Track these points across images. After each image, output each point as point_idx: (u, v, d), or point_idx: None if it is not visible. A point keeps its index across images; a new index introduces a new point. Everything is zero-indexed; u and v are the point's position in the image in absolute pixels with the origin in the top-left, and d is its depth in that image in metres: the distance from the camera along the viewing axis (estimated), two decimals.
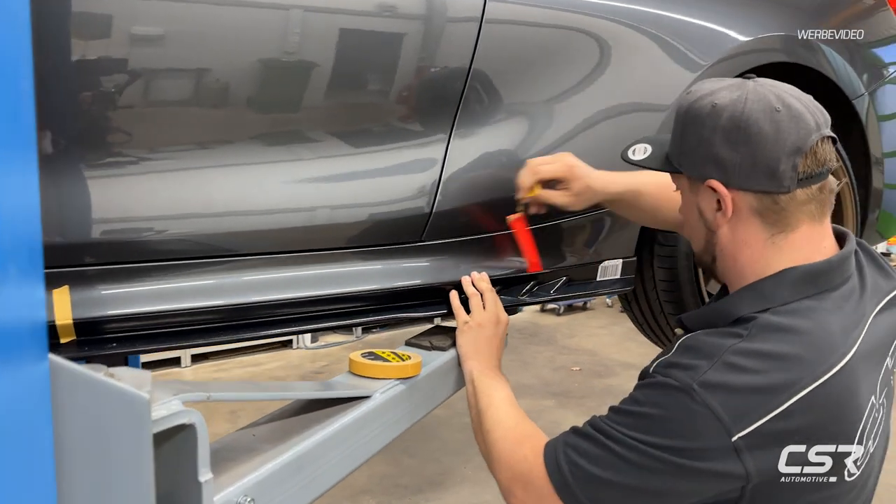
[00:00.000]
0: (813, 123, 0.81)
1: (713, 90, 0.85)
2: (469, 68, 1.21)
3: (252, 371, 4.47)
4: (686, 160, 0.88)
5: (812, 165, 0.81)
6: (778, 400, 0.74)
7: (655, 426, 0.77)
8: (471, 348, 1.16)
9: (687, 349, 0.81)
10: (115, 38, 0.94)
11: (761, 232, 0.84)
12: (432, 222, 1.24)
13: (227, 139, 1.05)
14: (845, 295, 0.83)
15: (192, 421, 0.64)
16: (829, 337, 0.78)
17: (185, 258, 1.06)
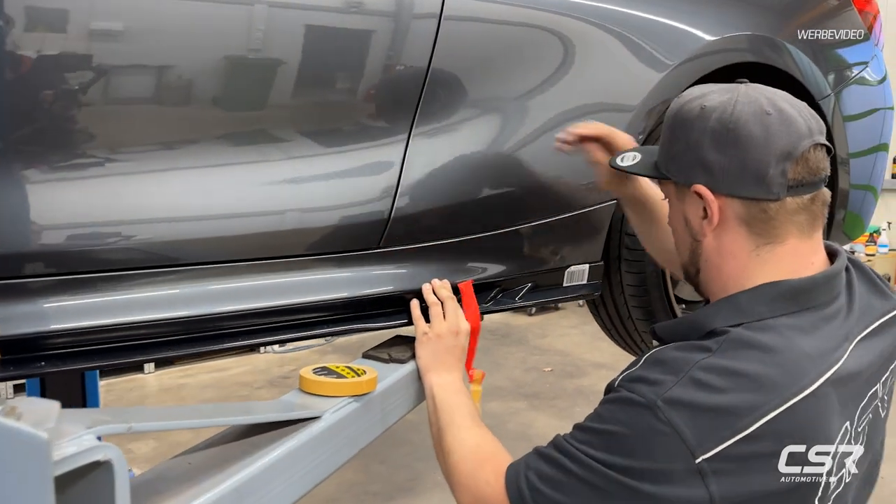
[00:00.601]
0: (805, 129, 0.77)
1: (704, 93, 0.82)
2: (428, 67, 1.16)
3: (218, 376, 4.36)
4: (673, 165, 0.85)
5: (803, 173, 0.77)
6: (743, 422, 0.71)
7: (617, 445, 0.74)
8: (431, 360, 1.11)
9: (654, 363, 0.77)
10: (71, 33, 0.87)
11: (747, 242, 0.80)
12: (391, 228, 1.18)
13: (168, 141, 0.98)
14: (828, 316, 0.79)
15: (108, 457, 0.57)
16: (802, 359, 0.74)
17: (128, 268, 0.99)
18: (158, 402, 3.96)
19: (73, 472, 0.57)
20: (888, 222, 5.39)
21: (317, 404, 0.93)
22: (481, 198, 1.25)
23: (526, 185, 1.30)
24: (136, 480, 0.72)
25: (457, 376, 1.10)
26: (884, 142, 2.02)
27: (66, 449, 0.55)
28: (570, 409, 3.72)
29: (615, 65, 1.35)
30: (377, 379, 1.03)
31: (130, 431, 0.61)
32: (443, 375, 1.09)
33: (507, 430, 3.47)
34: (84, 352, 0.97)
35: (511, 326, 5.47)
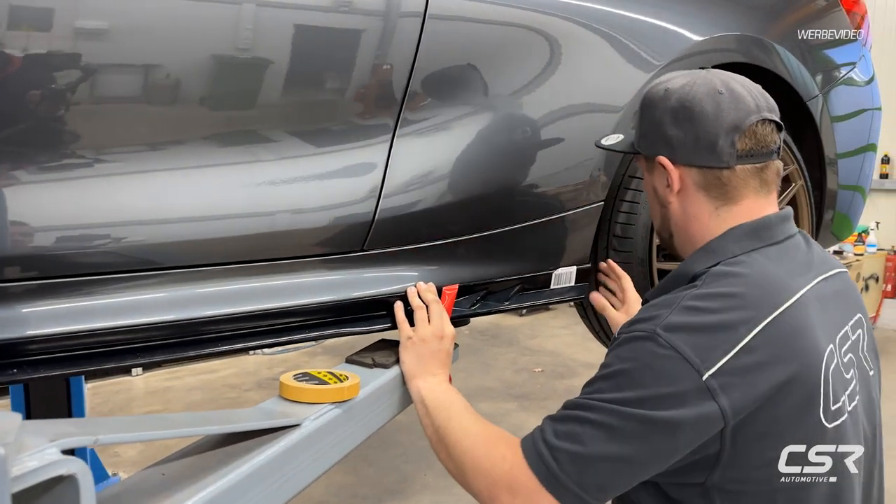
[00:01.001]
0: (753, 105, 0.87)
1: (669, 78, 0.93)
2: (412, 67, 1.14)
3: (206, 378, 4.32)
4: (643, 141, 0.95)
5: (751, 144, 0.87)
6: (738, 335, 0.77)
7: (626, 380, 0.78)
8: (416, 365, 1.09)
9: (648, 307, 0.85)
10: (56, 32, 0.85)
11: (707, 204, 0.89)
12: (375, 230, 1.16)
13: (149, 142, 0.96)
14: (790, 248, 0.89)
15: (72, 471, 0.55)
16: (777, 278, 0.83)
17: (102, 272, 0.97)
18: (145, 405, 3.92)
19: (36, 488, 0.54)
20: (877, 222, 5.42)
21: (297, 411, 0.91)
22: (467, 200, 1.23)
23: (512, 187, 1.28)
24: (105, 494, 0.70)
25: (442, 380, 1.08)
26: (872, 142, 2.02)
27: (27, 464, 0.52)
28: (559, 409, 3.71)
29: (602, 65, 1.33)
30: (360, 385, 1.01)
31: (97, 444, 0.58)
32: (428, 380, 1.07)
33: None
34: (61, 358, 0.94)
35: (501, 327, 5.46)
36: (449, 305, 1.21)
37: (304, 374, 1.00)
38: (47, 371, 0.93)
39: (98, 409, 3.80)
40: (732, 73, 0.92)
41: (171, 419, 0.77)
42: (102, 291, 0.96)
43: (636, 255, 1.42)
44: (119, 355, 0.99)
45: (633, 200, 1.42)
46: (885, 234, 5.46)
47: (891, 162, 5.43)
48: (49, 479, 0.55)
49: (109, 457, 3.07)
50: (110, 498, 0.69)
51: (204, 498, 0.71)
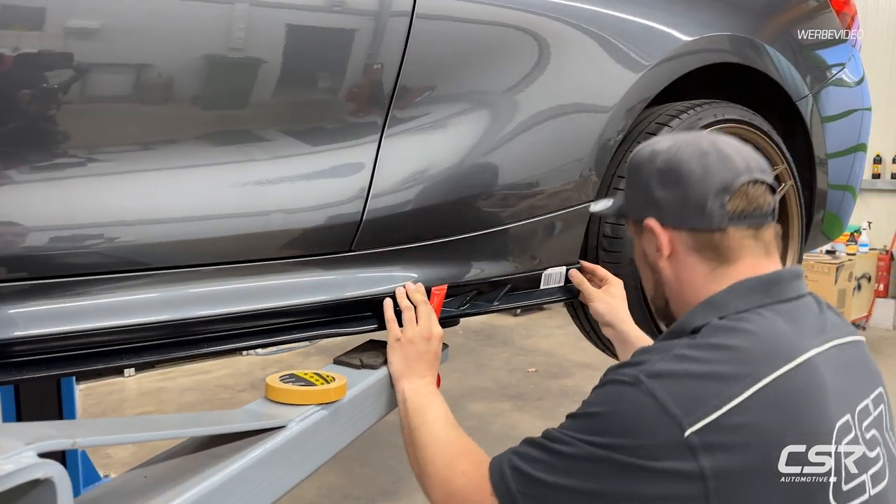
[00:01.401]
0: (742, 165, 0.83)
1: (656, 140, 0.91)
2: (400, 66, 1.13)
3: (199, 379, 4.31)
4: (630, 205, 0.93)
5: (742, 205, 0.82)
6: (732, 390, 0.70)
7: (603, 424, 0.74)
8: (403, 367, 1.09)
9: (640, 352, 0.80)
10: (48, 31, 0.85)
11: (702, 266, 0.84)
12: (363, 230, 1.16)
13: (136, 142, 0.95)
14: (800, 308, 0.81)
15: (49, 475, 0.55)
16: (785, 337, 0.75)
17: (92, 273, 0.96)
18: (138, 406, 3.91)
19: (13, 491, 0.54)
20: (869, 222, 5.44)
21: (283, 413, 0.91)
22: (455, 200, 1.23)
23: (501, 187, 1.28)
24: (86, 497, 0.70)
25: (429, 382, 1.08)
26: (862, 142, 2.03)
27: (2, 467, 0.52)
28: (554, 409, 3.71)
29: (591, 65, 1.33)
30: (347, 386, 1.01)
31: (75, 447, 0.58)
32: (415, 381, 1.07)
33: (492, 431, 3.46)
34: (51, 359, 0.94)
35: (496, 327, 5.46)
36: (438, 306, 1.21)
37: (290, 376, 0.99)
38: (37, 372, 0.93)
39: (90, 411, 3.78)
40: (721, 135, 0.89)
41: (155, 421, 0.77)
42: (93, 292, 0.96)
43: (626, 256, 1.42)
44: (110, 356, 0.98)
45: None
46: (877, 233, 5.48)
47: (882, 162, 5.45)
48: (25, 482, 0.54)
49: (101, 458, 3.05)
50: (90, 502, 0.68)
51: (186, 501, 0.70)
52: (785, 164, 1.66)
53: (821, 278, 4.78)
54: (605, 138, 1.36)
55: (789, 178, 1.69)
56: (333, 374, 1.02)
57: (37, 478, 0.54)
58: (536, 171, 1.31)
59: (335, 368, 1.13)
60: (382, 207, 1.16)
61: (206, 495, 0.73)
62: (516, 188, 1.30)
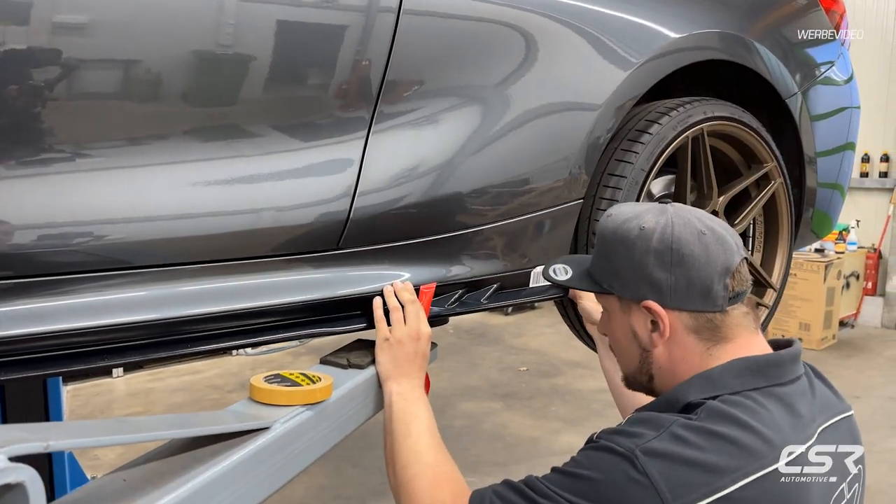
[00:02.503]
0: (734, 245, 0.85)
1: (637, 213, 0.88)
2: (387, 63, 1.12)
3: (189, 379, 4.28)
4: (617, 281, 0.89)
5: (737, 284, 0.84)
6: (721, 482, 0.72)
7: (592, 490, 0.74)
8: (391, 367, 1.08)
9: (636, 422, 0.80)
10: (34, 26, 0.83)
11: (697, 346, 0.85)
12: (350, 228, 1.14)
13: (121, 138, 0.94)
14: (795, 393, 0.82)
15: (20, 479, 0.53)
16: (778, 432, 0.77)
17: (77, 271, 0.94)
18: (126, 407, 3.88)
19: None
20: (857, 220, 5.48)
21: (267, 414, 0.89)
22: (444, 197, 1.22)
23: (490, 185, 1.27)
24: (62, 501, 0.68)
25: (416, 384, 1.07)
26: (850, 141, 2.03)
27: None
28: (545, 408, 3.71)
29: (580, 62, 1.32)
30: (333, 386, 0.99)
31: (48, 450, 0.56)
32: (402, 383, 1.06)
33: (483, 430, 3.45)
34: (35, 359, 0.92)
35: (487, 326, 5.45)
36: (426, 304, 1.20)
37: (275, 376, 0.98)
38: (21, 372, 0.91)
39: (78, 412, 3.74)
40: (697, 210, 0.89)
41: (133, 423, 0.75)
42: (78, 290, 0.94)
43: None
44: (96, 356, 0.97)
45: (612, 199, 1.42)
46: (866, 232, 5.52)
47: (870, 160, 5.49)
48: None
49: (89, 460, 3.02)
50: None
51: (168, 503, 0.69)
52: (774, 162, 1.66)
53: (810, 276, 4.80)
54: (594, 136, 1.35)
55: (778, 176, 1.68)
56: (319, 374, 1.00)
57: (8, 482, 0.53)
58: (525, 168, 1.30)
59: (322, 368, 1.12)
60: (370, 205, 1.15)
61: (185, 499, 0.71)
62: (505, 186, 1.29)
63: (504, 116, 1.26)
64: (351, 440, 1.01)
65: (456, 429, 3.36)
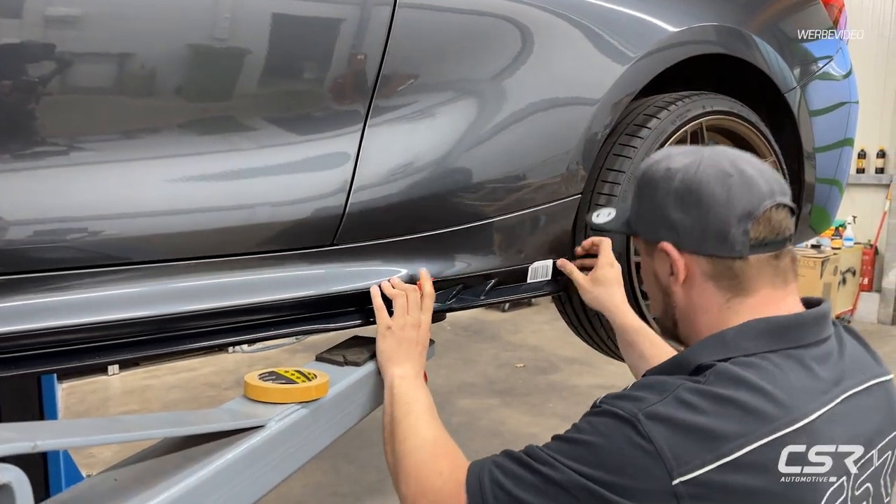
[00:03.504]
0: (766, 189, 0.79)
1: (669, 154, 0.86)
2: (382, 56, 1.11)
3: (185, 377, 4.26)
4: (641, 223, 0.89)
5: (765, 232, 0.79)
6: (726, 448, 0.69)
7: (592, 455, 0.72)
8: (394, 353, 1.07)
9: (640, 386, 0.77)
10: (28, 19, 0.82)
11: (716, 296, 0.81)
12: (346, 224, 1.13)
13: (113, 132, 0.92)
14: (817, 357, 0.77)
15: (7, 480, 0.52)
16: (792, 396, 0.72)
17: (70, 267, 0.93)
18: (122, 405, 3.86)
19: None
20: (853, 216, 5.48)
21: (262, 412, 0.88)
22: (440, 192, 1.21)
23: (487, 180, 1.26)
24: (52, 501, 0.67)
25: (418, 371, 1.07)
26: (849, 136, 2.02)
27: None
28: (542, 405, 3.71)
29: (577, 56, 1.31)
30: (329, 383, 0.98)
31: (35, 450, 0.55)
32: (405, 367, 1.05)
33: (480, 426, 3.44)
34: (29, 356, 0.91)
35: (484, 322, 5.45)
36: None
37: (270, 373, 0.97)
38: (15, 370, 0.90)
39: (74, 409, 3.73)
40: (741, 152, 0.84)
41: (125, 422, 0.74)
42: (72, 287, 0.93)
43: (614, 249, 1.40)
44: (90, 352, 0.96)
45: (610, 193, 1.40)
46: (862, 228, 5.53)
47: (867, 157, 5.49)
48: None
49: (84, 458, 3.01)
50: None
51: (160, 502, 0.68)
52: (773, 157, 1.65)
53: (807, 272, 4.81)
54: (592, 131, 1.34)
55: (778, 171, 1.68)
56: (315, 372, 0.99)
57: None
58: (523, 163, 1.29)
59: (318, 365, 1.11)
60: (365, 200, 1.13)
61: (177, 499, 0.70)
62: (502, 181, 1.28)
63: (501, 111, 1.25)
64: (347, 437, 1.00)
65: (453, 425, 3.36)
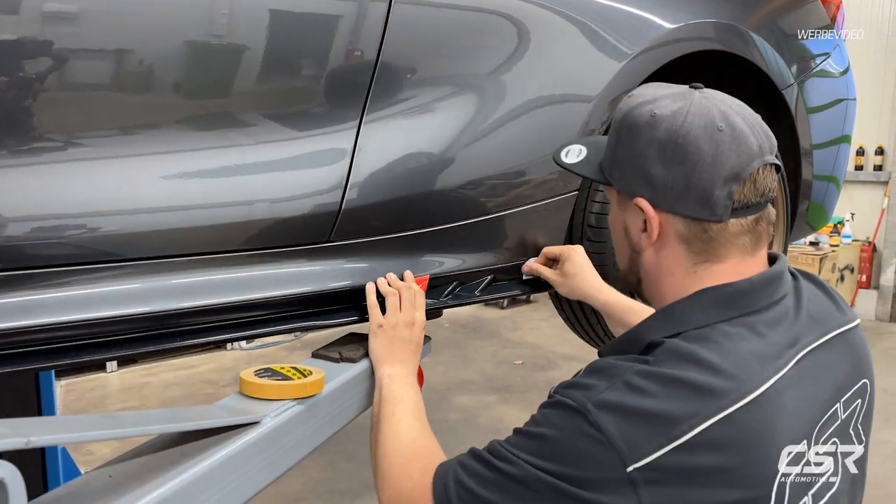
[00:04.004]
0: (756, 148, 0.74)
1: (656, 97, 0.78)
2: (378, 52, 1.10)
3: (184, 374, 4.26)
4: (616, 171, 0.81)
5: (750, 195, 0.74)
6: (678, 430, 0.66)
7: (546, 448, 0.71)
8: (385, 352, 1.07)
9: (591, 372, 0.75)
10: (25, 15, 0.82)
11: (685, 260, 0.77)
12: (341, 220, 1.13)
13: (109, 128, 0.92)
14: (770, 320, 0.75)
15: (0, 476, 0.52)
16: (742, 365, 0.70)
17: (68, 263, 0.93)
18: (120, 402, 3.86)
19: None
20: (852, 213, 5.49)
21: (257, 408, 0.88)
22: (436, 189, 1.21)
23: (483, 177, 1.25)
24: (46, 498, 0.67)
25: (409, 370, 1.06)
26: (846, 133, 2.02)
27: None
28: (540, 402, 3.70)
29: (574, 53, 1.31)
30: (325, 380, 0.98)
31: (29, 446, 0.55)
32: (395, 367, 1.05)
33: (478, 423, 3.45)
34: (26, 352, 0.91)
35: (483, 320, 5.45)
36: None
37: (265, 370, 0.97)
38: (12, 366, 0.90)
39: (72, 407, 3.73)
40: (729, 98, 0.79)
41: (120, 418, 0.74)
42: (69, 283, 0.93)
43: (610, 246, 1.40)
44: (88, 349, 0.96)
45: None
46: (860, 225, 5.53)
47: (865, 154, 5.50)
48: None
49: (83, 455, 3.01)
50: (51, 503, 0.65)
51: (152, 500, 0.68)
52: None
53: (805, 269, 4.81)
54: (589, 128, 1.34)
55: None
56: (311, 368, 0.99)
57: None
58: (519, 160, 1.29)
59: (314, 362, 1.11)
60: (361, 196, 1.13)
61: (172, 495, 0.70)
62: (499, 177, 1.28)
63: (497, 107, 1.24)
64: (345, 434, 1.00)
65: (451, 423, 3.36)
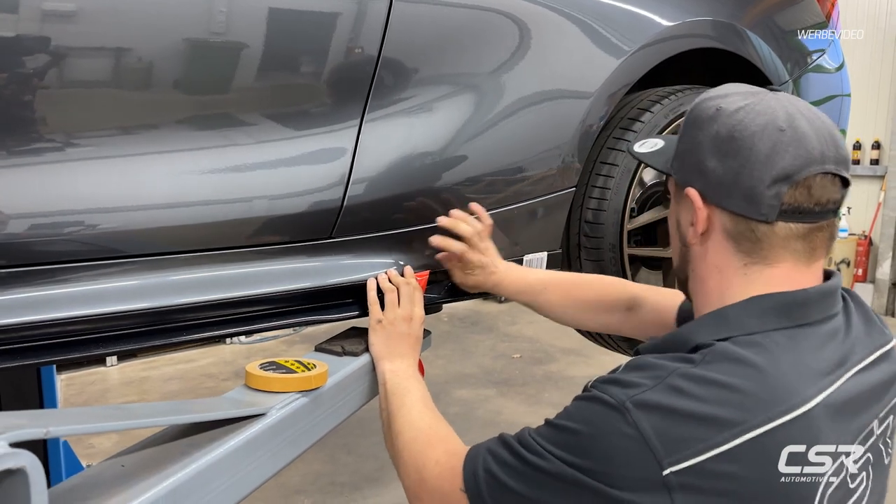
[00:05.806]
0: (817, 153, 0.70)
1: (727, 94, 0.77)
2: (379, 50, 1.12)
3: (183, 368, 4.29)
4: (677, 162, 0.81)
5: (802, 199, 0.71)
6: (721, 436, 0.65)
7: (578, 444, 0.70)
8: (384, 348, 1.09)
9: (633, 368, 0.72)
10: (24, 13, 0.82)
11: (734, 258, 0.75)
12: (343, 217, 1.15)
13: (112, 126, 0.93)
14: (823, 335, 0.73)
15: (21, 465, 0.54)
16: (793, 379, 0.68)
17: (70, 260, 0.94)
18: (121, 396, 3.88)
19: None
20: (848, 207, 5.52)
21: (263, 401, 0.90)
22: (437, 186, 1.22)
23: (482, 173, 1.27)
24: (62, 486, 0.69)
25: (410, 363, 1.08)
26: (841, 129, 2.04)
27: None
28: (538, 395, 3.74)
29: (572, 50, 1.32)
30: (328, 373, 1.00)
31: (48, 436, 0.57)
32: (396, 362, 1.07)
33: (477, 417, 3.48)
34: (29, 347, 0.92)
35: (481, 314, 5.48)
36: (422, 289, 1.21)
37: (270, 363, 0.99)
38: (15, 361, 0.92)
39: (73, 400, 3.75)
40: (805, 105, 0.75)
41: (131, 410, 0.76)
42: (71, 279, 0.94)
43: (607, 241, 1.42)
44: (89, 344, 0.97)
45: (604, 186, 1.43)
46: (856, 219, 5.56)
47: (862, 148, 5.52)
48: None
49: (84, 448, 3.03)
50: (65, 492, 0.68)
51: (164, 489, 0.70)
52: None
53: None
54: (586, 124, 1.36)
55: None
56: (314, 362, 1.01)
57: (9, 468, 0.53)
58: (518, 157, 1.31)
59: (317, 356, 1.13)
60: (363, 193, 1.15)
61: (183, 483, 0.72)
62: (498, 174, 1.30)
63: (497, 105, 1.26)
64: (346, 427, 1.02)
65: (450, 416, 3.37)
